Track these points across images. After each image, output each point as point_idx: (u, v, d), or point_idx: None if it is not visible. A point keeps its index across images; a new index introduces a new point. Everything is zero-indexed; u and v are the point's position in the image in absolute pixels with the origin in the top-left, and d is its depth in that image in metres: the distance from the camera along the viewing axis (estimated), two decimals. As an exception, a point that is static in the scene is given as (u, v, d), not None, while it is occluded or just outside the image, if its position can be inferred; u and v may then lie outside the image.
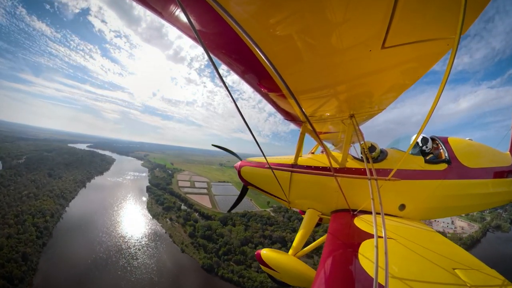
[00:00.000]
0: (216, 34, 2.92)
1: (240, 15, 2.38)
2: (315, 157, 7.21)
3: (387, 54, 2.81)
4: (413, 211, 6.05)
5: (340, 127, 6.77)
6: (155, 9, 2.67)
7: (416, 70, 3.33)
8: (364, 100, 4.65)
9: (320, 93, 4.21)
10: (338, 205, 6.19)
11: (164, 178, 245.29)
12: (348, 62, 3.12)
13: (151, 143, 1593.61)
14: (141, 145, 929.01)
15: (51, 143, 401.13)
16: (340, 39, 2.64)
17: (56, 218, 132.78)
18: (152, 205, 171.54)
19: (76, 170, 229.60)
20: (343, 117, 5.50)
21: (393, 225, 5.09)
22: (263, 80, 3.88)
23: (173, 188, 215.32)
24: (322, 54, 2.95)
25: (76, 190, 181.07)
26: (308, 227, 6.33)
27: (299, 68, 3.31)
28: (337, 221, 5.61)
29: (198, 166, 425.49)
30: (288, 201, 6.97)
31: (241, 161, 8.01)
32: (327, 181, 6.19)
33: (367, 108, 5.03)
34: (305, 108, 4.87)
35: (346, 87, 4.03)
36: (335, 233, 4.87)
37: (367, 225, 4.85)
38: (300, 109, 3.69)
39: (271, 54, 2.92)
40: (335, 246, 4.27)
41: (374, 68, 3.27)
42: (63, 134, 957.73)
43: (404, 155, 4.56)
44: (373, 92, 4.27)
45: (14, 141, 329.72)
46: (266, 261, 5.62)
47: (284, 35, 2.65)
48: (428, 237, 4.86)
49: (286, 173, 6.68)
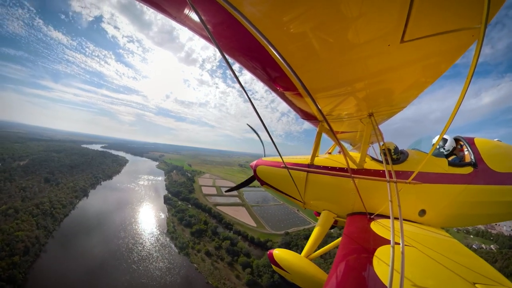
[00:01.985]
0: (230, 34, 2.89)
1: (253, 15, 2.38)
2: (332, 157, 6.94)
3: (407, 49, 2.68)
4: (434, 217, 5.72)
5: (359, 126, 6.51)
6: (170, 13, 2.74)
7: (439, 65, 3.14)
8: (383, 98, 4.48)
9: (338, 91, 4.11)
10: (354, 208, 6.00)
11: (184, 183, 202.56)
12: (365, 58, 2.98)
13: (166, 144, 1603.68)
14: (156, 146, 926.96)
15: (63, 143, 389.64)
16: (356, 35, 2.54)
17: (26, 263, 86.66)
18: (174, 226, 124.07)
19: (81, 174, 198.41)
20: (362, 116, 5.29)
21: (411, 232, 4.89)
22: (279, 79, 3.84)
23: (197, 197, 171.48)
24: (338, 50, 2.85)
25: (73, 202, 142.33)
26: (322, 229, 6.16)
27: (315, 66, 3.23)
28: (353, 224, 5.44)
29: (217, 167, 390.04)
30: (303, 201, 6.89)
31: (257, 160, 8.03)
32: (344, 182, 6.03)
33: (387, 106, 4.82)
34: (322, 106, 4.82)
35: (364, 85, 3.85)
36: (350, 236, 4.74)
37: (384, 230, 4.71)
38: (317, 107, 3.54)
39: (286, 53, 2.88)
40: (349, 250, 4.17)
41: (393, 64, 3.12)
42: (78, 135, 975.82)
43: (426, 156, 4.41)
44: (393, 90, 4.09)
45: (25, 142, 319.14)
46: (278, 262, 5.53)
47: (298, 33, 2.59)
48: (448, 247, 4.54)
49: (302, 173, 6.60)
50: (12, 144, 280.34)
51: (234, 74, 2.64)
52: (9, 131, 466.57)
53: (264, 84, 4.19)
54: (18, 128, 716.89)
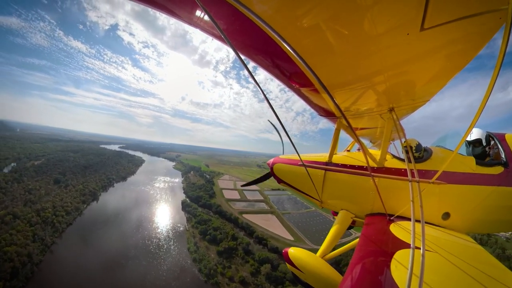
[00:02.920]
0: (242, 33, 2.87)
1: (265, 12, 2.33)
2: (350, 155, 6.78)
3: (428, 37, 2.49)
4: (458, 221, 5.34)
5: (379, 122, 6.32)
6: (182, 17, 2.75)
7: (464, 53, 2.91)
8: (404, 91, 4.28)
9: (356, 85, 3.95)
10: (373, 208, 5.77)
11: (204, 187, 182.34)
12: (384, 49, 2.81)
13: (182, 144, 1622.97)
14: (172, 146, 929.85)
15: (82, 144, 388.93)
16: (372, 25, 2.39)
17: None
18: (196, 243, 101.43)
19: (93, 175, 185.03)
20: (382, 111, 5.12)
21: (433, 236, 4.63)
22: (294, 75, 3.76)
23: (219, 203, 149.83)
24: (354, 43, 2.71)
25: (79, 208, 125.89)
26: (339, 229, 5.97)
27: (331, 60, 3.12)
28: (372, 225, 5.25)
29: (236, 168, 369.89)
30: (321, 200, 6.74)
31: (274, 158, 8.01)
32: (363, 181, 5.83)
33: (409, 100, 4.60)
34: (340, 102, 4.68)
35: (384, 78, 3.64)
36: (368, 238, 4.59)
37: (404, 232, 4.51)
38: (335, 103, 3.43)
39: (300, 48, 2.78)
40: (366, 253, 4.05)
41: (414, 54, 2.94)
42: (98, 136, 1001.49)
43: (452, 155, 4.26)
44: (415, 82, 3.87)
45: (45, 142, 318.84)
46: (292, 260, 5.44)
47: (311, 26, 2.49)
48: (473, 254, 4.28)
49: (320, 171, 6.45)
50: (32, 144, 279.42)
51: (249, 72, 2.59)
52: (32, 133, 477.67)
53: (280, 82, 4.07)
54: (41, 130, 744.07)
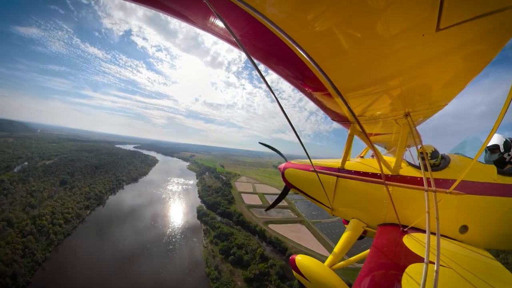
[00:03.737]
0: (255, 37, 2.87)
1: (276, 16, 2.34)
2: (364, 161, 6.60)
3: (445, 37, 2.36)
4: (477, 235, 4.97)
5: (394, 128, 6.17)
6: (196, 23, 2.78)
7: (483, 54, 2.73)
8: (421, 95, 4.07)
9: (370, 89, 3.79)
10: (386, 218, 5.53)
11: (221, 190, 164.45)
12: (398, 51, 2.70)
13: (196, 145, 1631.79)
14: (186, 146, 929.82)
15: (98, 143, 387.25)
16: (386, 27, 2.33)
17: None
18: (218, 266, 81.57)
19: (103, 176, 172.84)
20: (397, 116, 4.89)
21: (449, 250, 4.36)
22: (307, 79, 3.70)
23: (241, 211, 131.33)
24: (367, 45, 2.64)
25: (80, 215, 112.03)
26: (350, 238, 5.76)
27: (344, 64, 3.06)
28: (384, 236, 5.06)
29: (252, 169, 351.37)
30: (332, 208, 6.61)
31: (286, 163, 7.93)
32: (377, 189, 5.64)
33: (425, 104, 4.38)
34: (354, 107, 4.51)
35: (399, 81, 3.49)
36: (379, 249, 4.41)
37: (418, 245, 4.32)
38: (348, 108, 3.40)
39: (313, 52, 2.76)
40: (376, 265, 3.93)
41: (430, 56, 2.79)
42: (114, 137, 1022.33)
43: (471, 163, 4.10)
44: (432, 85, 3.66)
45: (61, 142, 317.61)
46: (299, 268, 5.32)
47: (324, 30, 2.45)
48: (491, 272, 3.99)
49: (332, 178, 6.34)
50: (48, 144, 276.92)
51: (261, 75, 2.58)
52: (52, 133, 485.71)
53: (293, 86, 4.02)
54: (61, 130, 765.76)
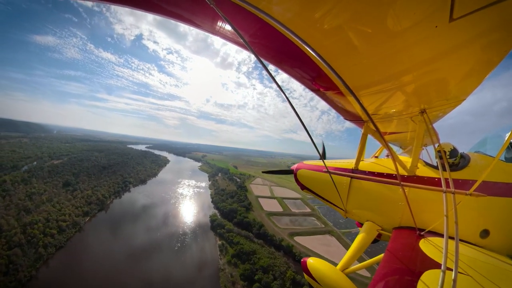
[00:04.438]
0: (263, 38, 2.85)
1: (284, 16, 2.32)
2: (379, 161, 6.39)
3: (459, 28, 2.24)
4: (499, 241, 4.64)
5: (409, 126, 5.83)
6: (203, 27, 2.80)
7: (501, 43, 2.55)
8: (437, 90, 3.88)
9: (383, 86, 3.64)
10: (402, 221, 5.32)
11: (236, 194, 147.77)
12: (411, 46, 2.59)
13: (207, 145, 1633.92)
14: (198, 147, 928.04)
15: (110, 144, 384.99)
16: (396, 20, 2.25)
17: None
18: None
19: (110, 177, 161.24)
20: (412, 113, 4.71)
21: (468, 256, 4.10)
22: (318, 78, 3.63)
23: (261, 220, 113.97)
24: (378, 41, 2.55)
25: (77, 224, 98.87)
26: (363, 242, 5.58)
27: (356, 61, 2.97)
28: (399, 240, 4.86)
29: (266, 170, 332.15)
30: (345, 210, 6.43)
31: (298, 163, 7.86)
32: (392, 191, 5.44)
33: (442, 100, 4.16)
34: (367, 105, 4.41)
35: (413, 77, 3.36)
36: (394, 254, 4.26)
37: (435, 250, 4.13)
38: (361, 106, 3.31)
39: (323, 50, 2.70)
40: (391, 270, 3.79)
41: (444, 49, 2.64)
42: (127, 137, 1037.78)
43: (493, 161, 3.94)
44: (448, 79, 3.47)
45: (74, 142, 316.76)
46: (311, 271, 5.29)
47: (332, 28, 2.40)
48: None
49: (345, 179, 6.21)
50: (61, 144, 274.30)
51: (271, 75, 2.58)
52: (67, 134, 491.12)
53: (304, 86, 3.97)
54: (77, 131, 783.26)
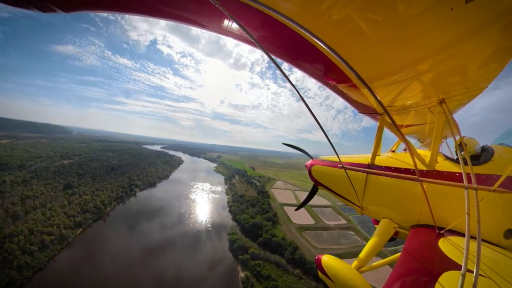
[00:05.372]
0: (272, 35, 2.83)
1: (290, 10, 2.27)
2: (396, 156, 6.15)
3: (476, 9, 2.09)
4: None
5: (428, 117, 5.58)
6: (211, 28, 2.82)
7: None
8: (455, 78, 3.64)
9: (398, 76, 3.47)
10: (420, 219, 5.06)
11: (258, 202, 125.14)
12: (425, 31, 2.41)
13: (222, 145, 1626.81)
14: (213, 147, 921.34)
15: (125, 144, 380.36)
16: (408, 5, 2.11)
17: None
18: None
19: (116, 180, 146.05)
20: (431, 104, 4.46)
21: (490, 258, 3.81)
22: (329, 71, 3.53)
23: (293, 239, 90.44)
24: (390, 28, 2.40)
25: (64, 238, 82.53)
26: (380, 240, 5.39)
27: (368, 51, 2.84)
28: (417, 238, 4.67)
29: (285, 171, 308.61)
30: (361, 206, 6.25)
31: (312, 160, 7.74)
32: (410, 186, 5.15)
33: (462, 88, 3.89)
34: (382, 97, 4.28)
35: (429, 65, 3.17)
36: (411, 253, 4.11)
37: (455, 250, 3.90)
38: (376, 98, 3.20)
39: (332, 42, 2.62)
40: (407, 270, 3.65)
41: (462, 32, 2.43)
42: (144, 138, 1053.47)
43: None
44: (467, 66, 3.23)
45: (90, 143, 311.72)
46: (325, 269, 5.14)
47: (341, 18, 2.30)
48: None
49: (361, 174, 6.03)
50: (77, 144, 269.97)
51: (284, 74, 2.54)
52: (85, 135, 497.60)
53: (316, 80, 3.88)
54: (96, 133, 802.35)
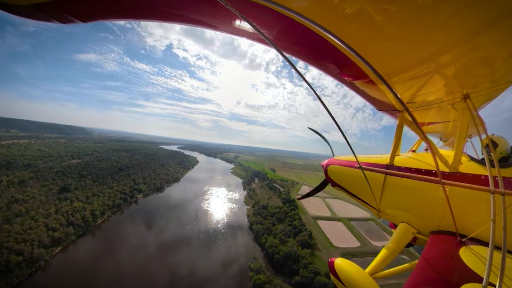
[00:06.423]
0: (285, 33, 2.78)
1: (302, 6, 2.22)
2: (416, 156, 5.79)
3: None
4: None
5: (451, 114, 5.19)
6: (224, 29, 2.82)
7: None
8: (481, 71, 3.27)
9: (418, 71, 3.24)
10: (441, 225, 4.72)
11: (285, 215, 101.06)
12: (446, 20, 2.21)
13: (239, 146, 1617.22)
14: (230, 147, 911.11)
15: (142, 144, 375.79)
16: None
17: None
18: None
19: (118, 183, 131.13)
20: (454, 100, 4.11)
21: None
22: (345, 67, 3.39)
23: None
24: (407, 19, 2.24)
25: (38, 259, 62.27)
26: (397, 245, 5.13)
27: (384, 45, 2.70)
28: (436, 246, 4.35)
29: (308, 174, 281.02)
30: (378, 209, 5.94)
31: (329, 159, 7.60)
32: (431, 189, 4.81)
33: (488, 82, 3.51)
34: (401, 93, 4.06)
35: (451, 57, 2.88)
36: (429, 261, 3.84)
37: (477, 261, 3.59)
38: (394, 94, 3.05)
39: (347, 36, 2.52)
40: (424, 280, 3.42)
41: (487, 19, 2.18)
42: (162, 138, 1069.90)
43: None
44: (494, 56, 2.90)
45: (106, 143, 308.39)
46: (337, 272, 4.98)
47: (354, 11, 2.21)
48: None
49: (379, 175, 5.73)
50: (94, 144, 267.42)
51: (299, 72, 2.48)
52: (105, 136, 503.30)
53: (332, 77, 3.77)
54: (116, 133, 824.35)
